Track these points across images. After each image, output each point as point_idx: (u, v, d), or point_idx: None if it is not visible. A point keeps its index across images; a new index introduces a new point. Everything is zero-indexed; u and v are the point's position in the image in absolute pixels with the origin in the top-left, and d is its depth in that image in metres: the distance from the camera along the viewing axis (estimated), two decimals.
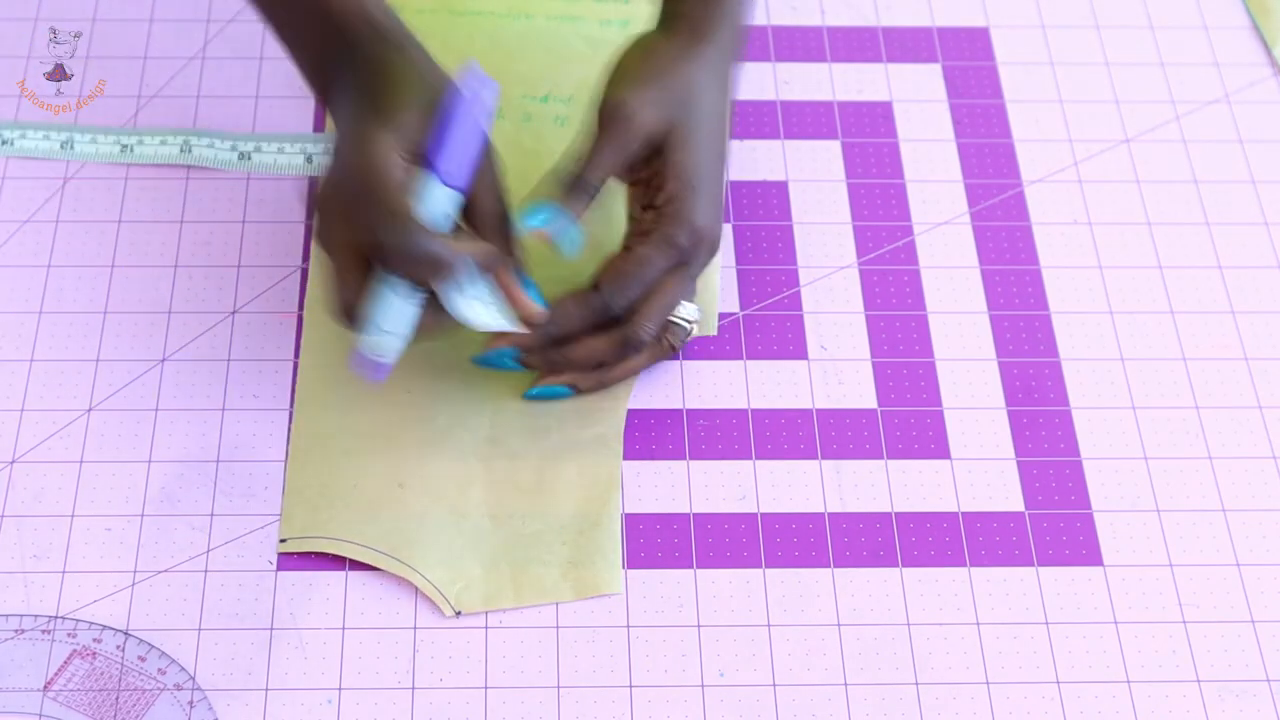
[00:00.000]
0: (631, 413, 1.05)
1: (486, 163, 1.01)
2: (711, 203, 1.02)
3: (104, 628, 0.96)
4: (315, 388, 1.04)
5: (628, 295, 1.01)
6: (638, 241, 1.02)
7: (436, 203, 0.97)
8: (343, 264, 0.97)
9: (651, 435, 1.04)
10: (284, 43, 1.05)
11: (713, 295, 1.10)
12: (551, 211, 1.01)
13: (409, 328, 0.96)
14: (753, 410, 1.05)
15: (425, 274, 0.95)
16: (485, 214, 1.00)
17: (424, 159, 0.98)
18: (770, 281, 1.11)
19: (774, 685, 0.95)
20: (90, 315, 1.08)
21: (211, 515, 1.00)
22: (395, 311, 0.95)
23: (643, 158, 1.03)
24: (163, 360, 1.06)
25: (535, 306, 1.01)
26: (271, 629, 0.96)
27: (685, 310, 1.04)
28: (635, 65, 1.05)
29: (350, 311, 0.97)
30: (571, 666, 0.95)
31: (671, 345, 1.04)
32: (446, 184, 0.98)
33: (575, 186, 1.01)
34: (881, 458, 1.04)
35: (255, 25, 1.20)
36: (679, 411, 1.05)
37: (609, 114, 1.03)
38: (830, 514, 1.02)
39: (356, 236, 0.96)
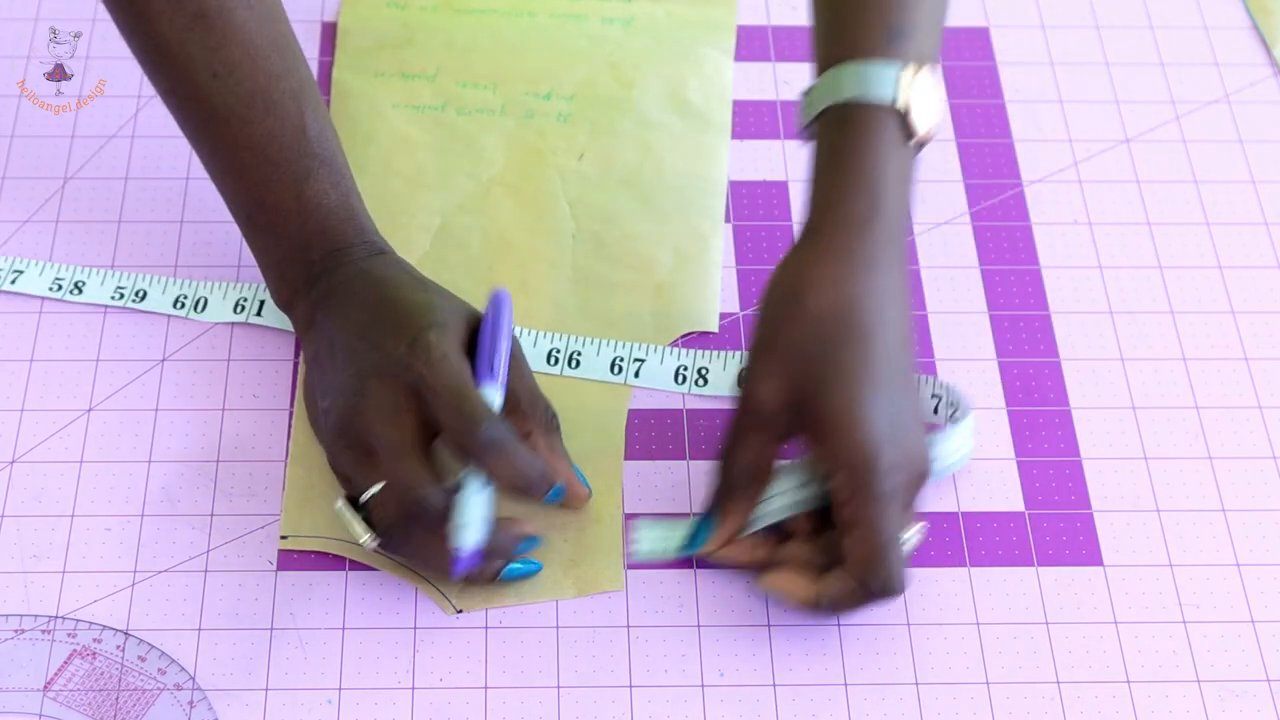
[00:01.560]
0: (631, 413, 1.05)
1: (519, 358, 0.99)
2: (885, 420, 0.93)
3: (104, 628, 0.96)
4: None
5: (891, 570, 0.92)
6: (848, 517, 0.93)
7: (489, 397, 0.96)
8: (408, 467, 0.94)
9: (651, 435, 1.04)
10: (252, 226, 1.02)
11: (713, 295, 1.10)
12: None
13: (488, 515, 0.95)
14: None
15: (524, 470, 0.95)
16: (525, 403, 0.99)
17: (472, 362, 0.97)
18: None
19: (774, 685, 0.95)
20: (90, 315, 1.08)
21: (211, 515, 1.00)
22: (478, 501, 0.94)
23: (792, 425, 0.95)
24: (163, 360, 1.06)
25: (584, 490, 1.00)
26: (271, 629, 0.96)
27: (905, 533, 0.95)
28: (759, 328, 0.96)
29: (423, 507, 0.93)
30: (571, 666, 0.95)
31: None
32: (493, 384, 0.97)
33: (729, 495, 0.97)
34: None
35: None
36: (679, 411, 1.05)
37: (740, 401, 0.96)
38: None
39: (418, 433, 0.94)
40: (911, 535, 0.95)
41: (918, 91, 0.97)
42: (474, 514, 0.94)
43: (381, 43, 1.21)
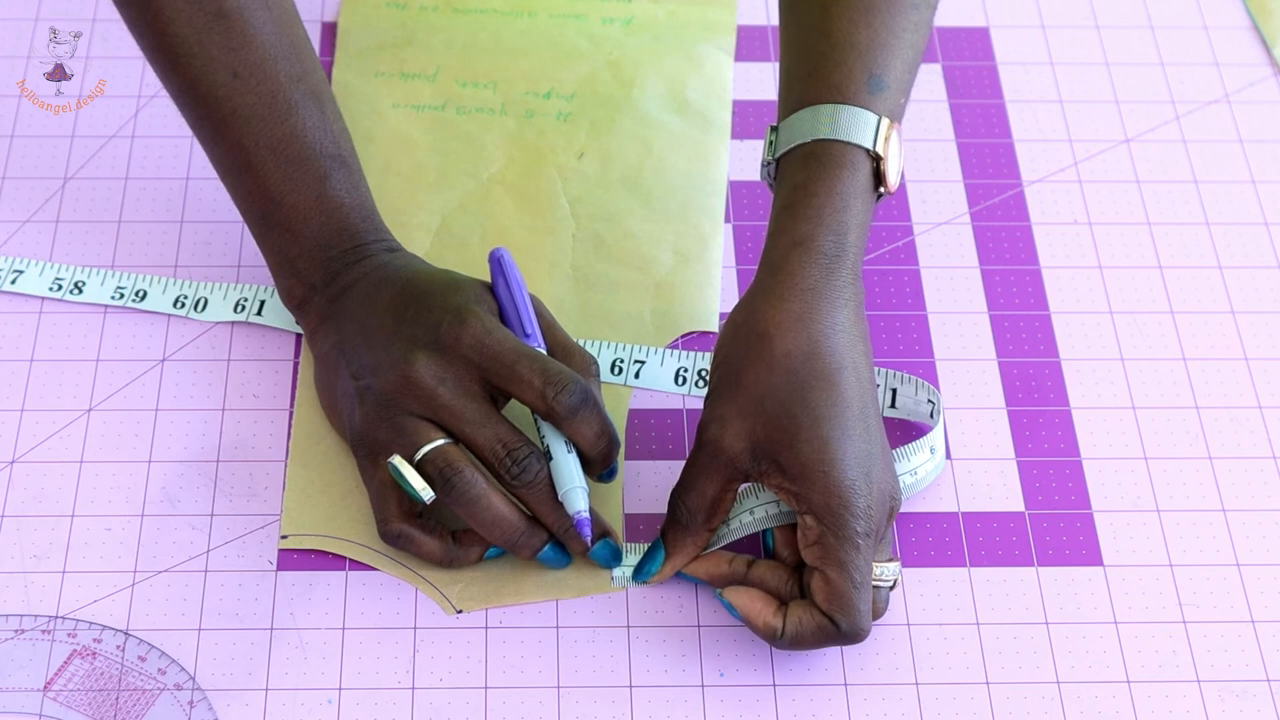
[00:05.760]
0: (631, 413, 1.05)
1: (543, 310, 1.01)
2: (857, 461, 0.92)
3: (104, 628, 0.96)
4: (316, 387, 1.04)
5: (860, 613, 0.92)
6: (819, 556, 0.92)
7: None
8: (500, 431, 0.95)
9: (651, 435, 1.04)
10: (269, 225, 1.03)
11: (713, 294, 1.10)
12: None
13: (581, 475, 0.96)
14: None
15: (588, 408, 0.95)
16: (562, 353, 0.99)
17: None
18: None
19: (774, 685, 0.95)
20: (90, 315, 1.08)
21: (211, 515, 1.00)
22: (571, 461, 0.96)
23: (755, 467, 0.94)
24: (163, 360, 1.06)
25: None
26: (271, 629, 0.96)
27: (882, 570, 0.94)
28: (720, 368, 0.96)
29: (523, 468, 0.95)
30: (571, 666, 0.95)
31: (877, 610, 0.95)
32: (535, 343, 0.98)
33: (677, 531, 0.97)
34: None
35: None
36: (679, 412, 1.05)
37: (699, 442, 0.96)
38: None
39: (490, 400, 0.96)
40: (890, 571, 0.94)
41: (891, 146, 0.98)
42: (580, 477, 0.95)
43: (381, 43, 1.22)
